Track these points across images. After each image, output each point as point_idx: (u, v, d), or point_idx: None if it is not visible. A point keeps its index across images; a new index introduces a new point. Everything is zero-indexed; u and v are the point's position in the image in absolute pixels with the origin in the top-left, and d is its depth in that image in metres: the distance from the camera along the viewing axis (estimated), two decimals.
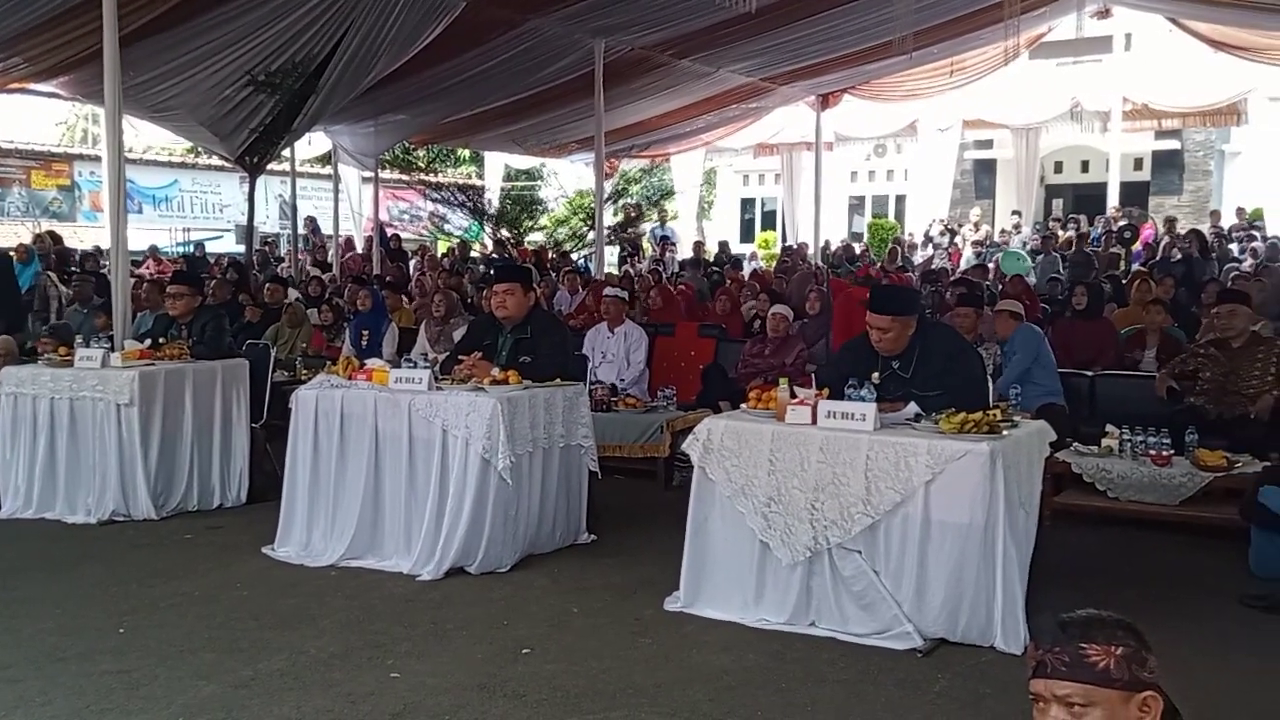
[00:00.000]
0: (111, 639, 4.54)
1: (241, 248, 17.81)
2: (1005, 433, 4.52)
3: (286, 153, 15.37)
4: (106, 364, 6.69)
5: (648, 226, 22.52)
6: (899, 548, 4.46)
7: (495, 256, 18.55)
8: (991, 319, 7.75)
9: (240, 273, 13.80)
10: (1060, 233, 19.51)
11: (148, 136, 20.79)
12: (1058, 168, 26.13)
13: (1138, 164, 24.45)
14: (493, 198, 21.62)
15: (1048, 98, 20.52)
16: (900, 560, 4.46)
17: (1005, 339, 7.40)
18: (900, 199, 27.12)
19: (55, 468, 6.71)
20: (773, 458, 4.65)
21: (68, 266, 13.97)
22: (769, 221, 28.89)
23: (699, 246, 20.64)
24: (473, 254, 19.37)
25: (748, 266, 19.21)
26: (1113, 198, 20.93)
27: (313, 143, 17.93)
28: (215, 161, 20.51)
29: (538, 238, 22.14)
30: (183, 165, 24.67)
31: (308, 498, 5.80)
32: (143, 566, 5.64)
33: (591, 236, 16.67)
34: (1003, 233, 21.24)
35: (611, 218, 19.78)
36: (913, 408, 4.76)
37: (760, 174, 29.23)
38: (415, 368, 5.72)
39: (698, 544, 4.88)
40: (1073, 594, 4.64)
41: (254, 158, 13.00)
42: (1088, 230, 19.57)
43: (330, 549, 5.68)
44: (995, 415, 4.58)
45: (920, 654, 4.35)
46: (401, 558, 5.56)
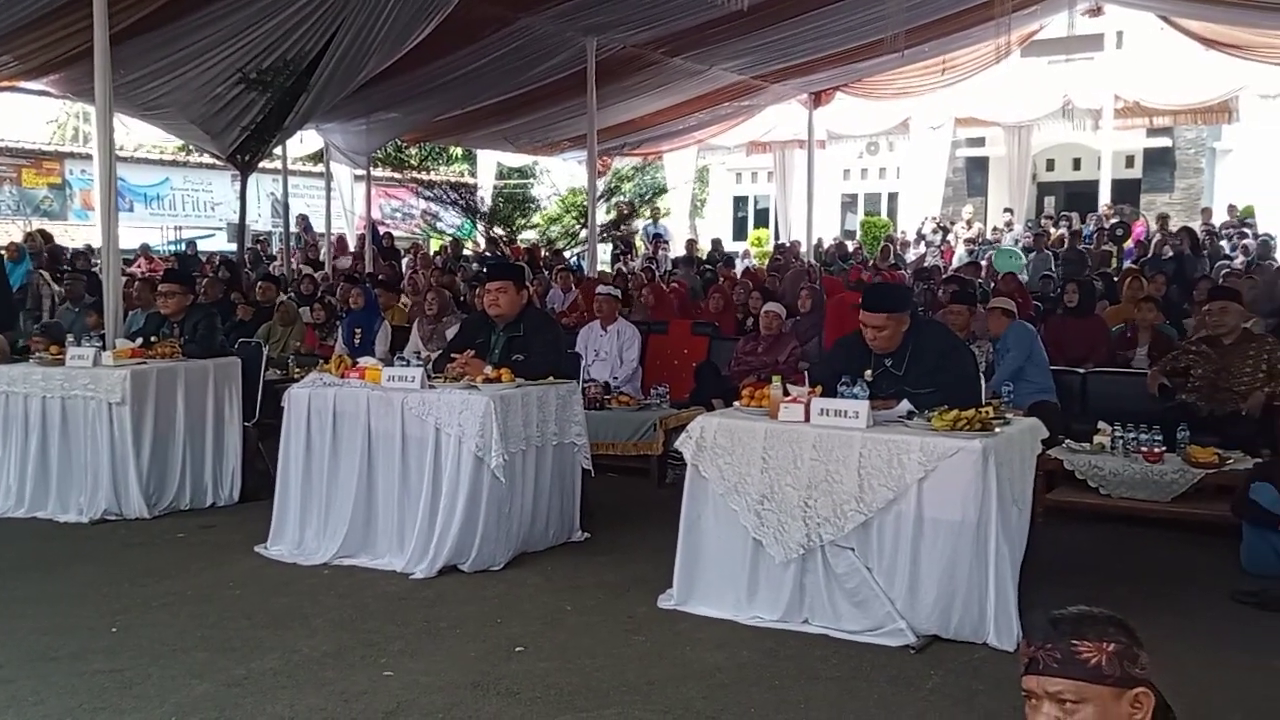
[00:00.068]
0: (104, 638, 4.53)
1: (233, 246, 17.78)
2: (997, 430, 4.53)
3: (278, 151, 15.35)
4: (98, 363, 6.67)
5: (640, 224, 22.51)
6: (892, 545, 4.47)
7: (488, 254, 18.52)
8: (984, 316, 7.77)
9: (232, 271, 13.79)
10: (1052, 230, 19.55)
11: (139, 134, 20.80)
12: (1049, 165, 26.18)
13: (1129, 161, 24.49)
14: (485, 196, 21.59)
15: (1039, 95, 20.58)
16: (893, 557, 4.47)
17: (998, 336, 7.42)
18: (893, 197, 27.15)
19: (47, 467, 6.69)
20: (766, 455, 4.66)
21: (60, 265, 13.91)
22: (762, 219, 28.91)
23: (692, 244, 20.64)
24: (465, 252, 19.35)
25: (740, 264, 19.23)
26: (1104, 195, 21.00)
27: (304, 140, 17.91)
28: (207, 159, 20.46)
29: (530, 236, 22.11)
30: (174, 163, 24.60)
31: (300, 496, 5.79)
32: (135, 566, 5.63)
33: (584, 234, 16.65)
34: (995, 230, 21.29)
35: (604, 215, 19.76)
36: (905, 405, 4.77)
37: (753, 172, 29.25)
38: (408, 366, 5.71)
39: (691, 542, 4.89)
40: (1065, 590, 4.64)
41: (245, 156, 12.96)
42: (1080, 228, 19.61)
43: (323, 548, 5.68)
44: (987, 413, 4.60)
45: (913, 651, 4.36)
46: (394, 556, 5.55)
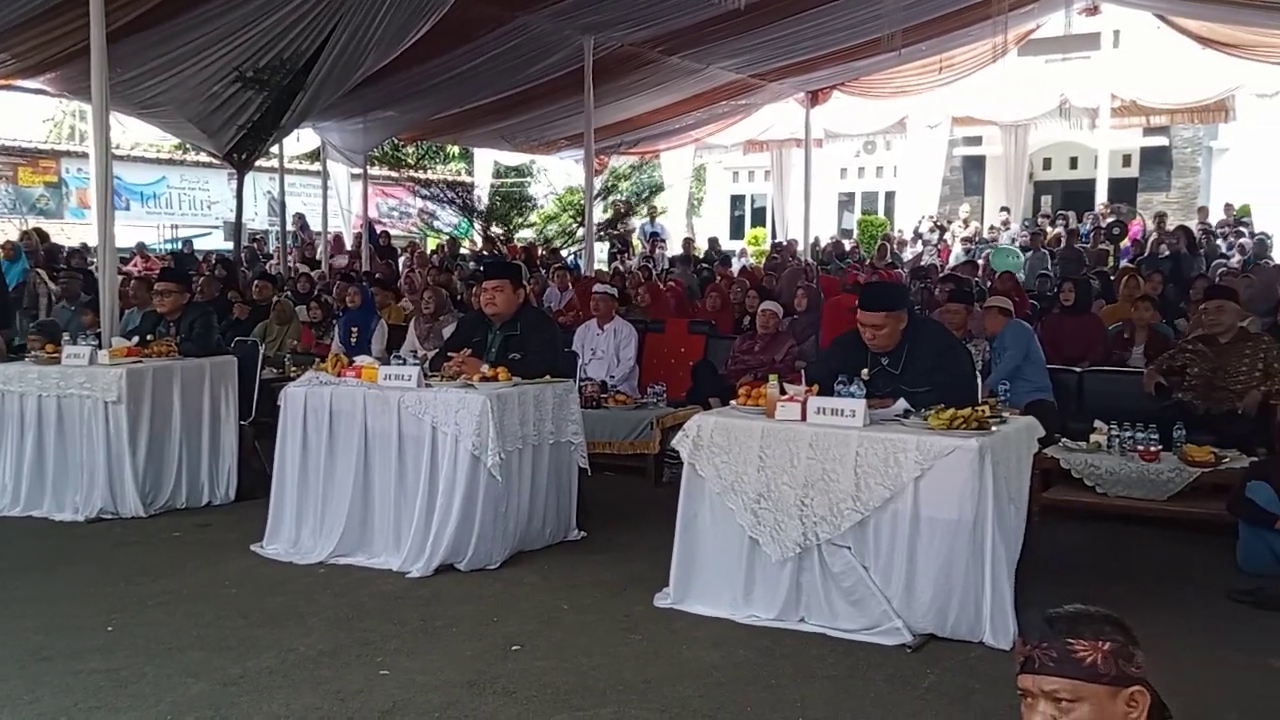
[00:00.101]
0: (99, 637, 4.52)
1: (230, 244, 17.77)
2: (994, 429, 4.53)
3: (275, 149, 15.32)
4: (94, 361, 6.67)
5: (637, 223, 22.51)
6: (888, 543, 4.47)
7: (485, 253, 18.51)
8: (981, 315, 7.77)
9: (229, 269, 13.78)
10: (1049, 229, 19.57)
11: (135, 133, 20.78)
12: (1046, 164, 26.19)
13: (1126, 160, 24.51)
14: (482, 194, 21.58)
15: (1036, 94, 20.59)
16: (889, 556, 4.47)
17: (995, 335, 7.42)
18: (890, 195, 27.15)
19: (43, 465, 6.68)
20: (762, 454, 4.66)
21: (57, 264, 13.90)
22: (759, 218, 28.90)
23: (689, 243, 20.63)
24: (462, 251, 19.34)
25: (737, 263, 19.22)
26: (1101, 194, 21.00)
27: (301, 139, 17.88)
28: (203, 158, 20.41)
29: (527, 234, 22.10)
30: (170, 162, 24.56)
31: (296, 495, 5.79)
32: (131, 564, 5.62)
33: (581, 233, 16.64)
34: (991, 229, 21.29)
35: (601, 214, 19.75)
36: (902, 404, 4.77)
37: (750, 170, 29.25)
38: (404, 365, 5.71)
39: (687, 540, 4.88)
40: (1061, 589, 4.63)
41: (242, 154, 12.94)
42: (1077, 227, 19.62)
43: (319, 546, 5.67)
44: (984, 411, 4.60)
45: (909, 649, 4.36)
46: (391, 555, 5.55)
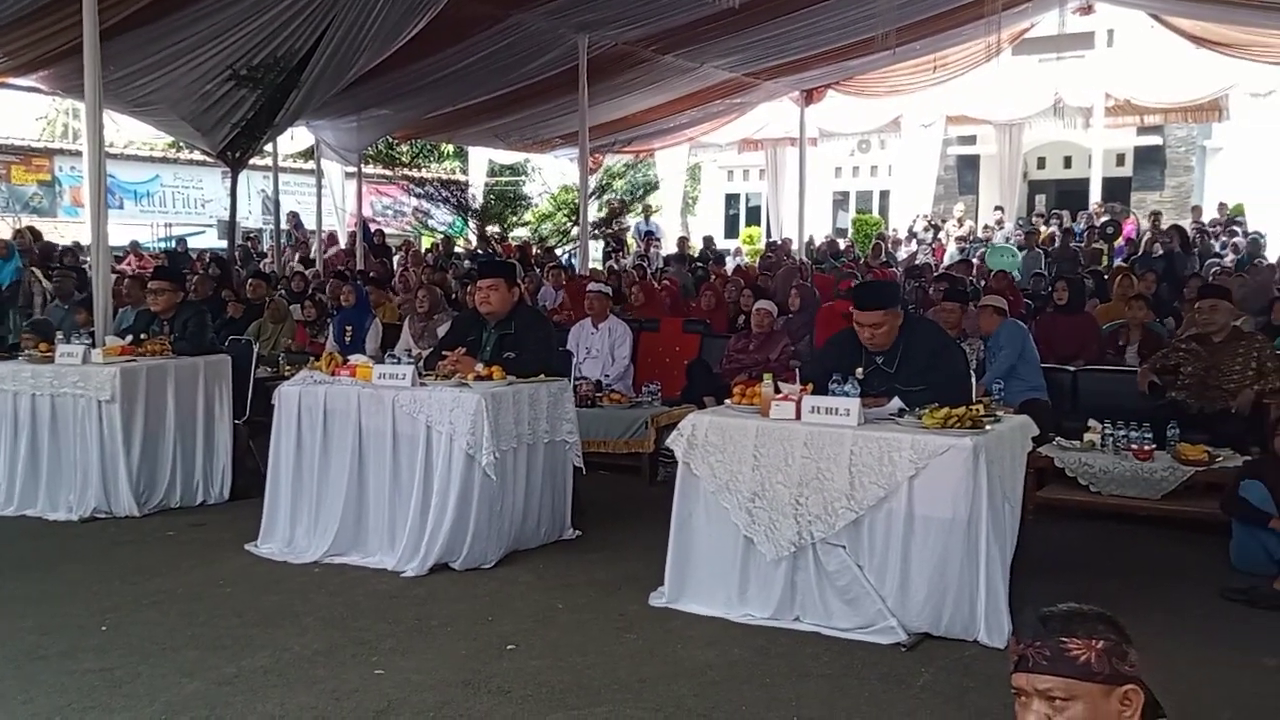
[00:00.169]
0: (94, 637, 4.52)
1: (224, 243, 17.72)
2: (988, 428, 4.54)
3: (269, 147, 15.28)
4: (88, 360, 6.65)
5: (632, 221, 22.50)
6: (883, 542, 4.48)
7: (479, 252, 18.49)
8: (975, 314, 7.78)
9: (222, 268, 13.74)
10: (1043, 228, 19.60)
11: (129, 131, 20.69)
12: (1040, 163, 26.23)
13: (1120, 160, 24.56)
14: (476, 193, 21.53)
15: (1030, 94, 20.59)
16: (884, 555, 4.48)
17: (989, 334, 7.43)
18: (884, 194, 27.18)
19: (37, 465, 6.67)
20: (757, 453, 4.66)
21: (51, 262, 13.85)
22: (753, 217, 28.91)
23: (683, 242, 20.62)
24: (457, 249, 19.31)
25: (732, 262, 19.22)
26: (1095, 193, 21.05)
27: (295, 137, 17.80)
28: (197, 156, 20.34)
29: (522, 233, 22.08)
30: (164, 160, 24.47)
31: (291, 494, 5.78)
32: (125, 564, 5.62)
33: (576, 232, 16.63)
34: (985, 228, 21.32)
35: (595, 213, 19.74)
36: (896, 403, 4.77)
37: (744, 169, 29.25)
38: (399, 363, 5.70)
39: (682, 539, 4.89)
40: (1055, 588, 4.62)
41: (236, 153, 12.92)
42: (1071, 226, 19.65)
43: (314, 545, 5.67)
44: (978, 410, 4.60)
45: (904, 648, 4.36)
46: (385, 554, 5.54)
